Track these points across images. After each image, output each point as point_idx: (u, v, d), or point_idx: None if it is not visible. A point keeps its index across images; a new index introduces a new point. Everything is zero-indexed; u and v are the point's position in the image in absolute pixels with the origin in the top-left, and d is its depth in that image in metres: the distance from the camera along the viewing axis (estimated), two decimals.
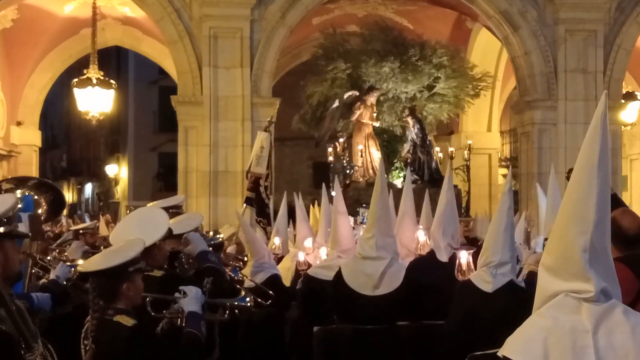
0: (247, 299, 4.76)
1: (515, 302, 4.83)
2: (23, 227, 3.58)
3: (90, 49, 17.83)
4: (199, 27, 16.01)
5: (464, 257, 5.56)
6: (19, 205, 3.67)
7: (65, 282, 5.12)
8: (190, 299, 4.27)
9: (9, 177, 13.83)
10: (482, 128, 21.75)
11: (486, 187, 21.36)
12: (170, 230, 5.05)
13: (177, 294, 4.37)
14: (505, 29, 16.87)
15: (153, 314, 4.28)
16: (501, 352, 2.12)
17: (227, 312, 4.68)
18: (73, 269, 5.24)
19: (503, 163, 23.10)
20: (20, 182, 6.00)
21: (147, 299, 4.27)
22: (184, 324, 4.20)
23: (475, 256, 5.70)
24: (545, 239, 5.80)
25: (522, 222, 9.35)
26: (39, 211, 5.49)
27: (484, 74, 18.89)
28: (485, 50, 20.41)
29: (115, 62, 35.90)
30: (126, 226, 5.26)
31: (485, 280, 5.11)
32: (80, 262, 5.20)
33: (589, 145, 2.34)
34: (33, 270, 5.02)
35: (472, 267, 5.49)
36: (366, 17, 19.05)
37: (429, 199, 8.02)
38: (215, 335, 4.62)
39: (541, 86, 16.75)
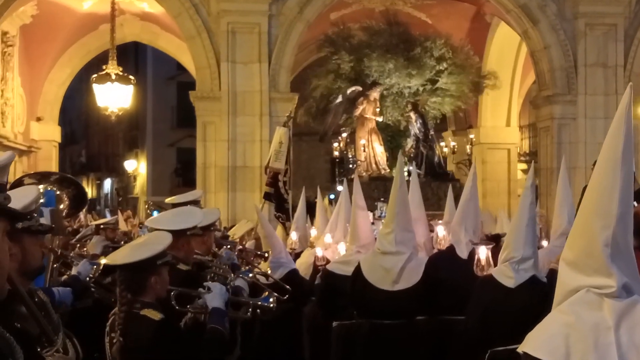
0: (271, 300, 4.75)
1: (537, 297, 4.80)
2: (44, 222, 3.58)
3: (108, 44, 17.90)
4: (217, 23, 16.04)
5: (483, 252, 5.54)
6: (41, 200, 3.68)
7: (86, 279, 5.15)
8: (215, 295, 4.27)
9: (31, 172, 13.93)
10: (501, 123, 21.63)
11: (505, 182, 21.25)
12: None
13: (201, 290, 4.37)
14: (524, 23, 16.78)
15: (177, 307, 4.29)
16: (522, 349, 2.09)
17: (250, 310, 4.68)
18: (95, 266, 5.27)
19: (522, 158, 22.98)
20: (42, 177, 6.03)
21: (172, 292, 4.27)
22: (207, 320, 4.20)
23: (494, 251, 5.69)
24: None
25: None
26: (61, 206, 5.52)
27: (490, 72, 18.81)
28: (504, 44, 20.29)
29: (133, 58, 36.02)
30: (165, 214, 5.46)
31: (508, 276, 5.08)
32: (103, 260, 5.24)
33: (613, 139, 2.29)
34: (55, 265, 5.05)
35: (492, 262, 5.47)
36: (384, 12, 18.98)
37: (452, 194, 7.97)
38: (237, 334, 4.63)
39: (561, 81, 16.65)
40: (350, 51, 17.77)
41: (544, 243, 7.78)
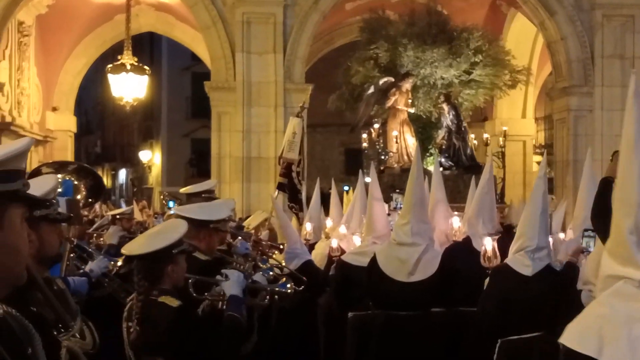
0: (288, 285, 4.74)
1: (552, 286, 4.82)
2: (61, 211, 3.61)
3: (124, 34, 17.93)
4: (232, 13, 16.03)
5: (489, 243, 5.56)
6: (59, 190, 3.69)
7: (100, 274, 5.13)
8: (232, 282, 4.27)
9: (47, 162, 13.99)
10: (517, 115, 21.52)
11: (520, 174, 21.18)
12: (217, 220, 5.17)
13: (219, 277, 4.37)
14: (541, 14, 16.68)
15: (195, 295, 4.30)
16: (561, 340, 2.12)
17: (268, 297, 4.68)
18: (112, 262, 5.29)
19: (538, 150, 22.86)
20: (60, 166, 6.06)
21: (190, 280, 4.28)
22: (224, 307, 4.21)
23: (501, 243, 5.70)
24: (585, 230, 5.73)
25: (562, 210, 9.18)
26: (78, 196, 5.53)
27: (523, 67, 18.66)
28: (521, 35, 20.18)
29: (148, 48, 36.10)
30: (191, 206, 5.48)
31: (525, 264, 5.10)
32: (119, 263, 5.27)
33: (626, 128, 2.37)
34: (71, 255, 5.06)
35: (497, 253, 5.51)
36: (400, 3, 18.90)
37: (474, 186, 7.96)
38: (254, 320, 4.63)
39: (577, 72, 16.55)
40: (388, 40, 17.65)
41: (561, 235, 7.72)
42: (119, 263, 5.46)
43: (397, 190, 13.71)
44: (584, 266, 4.91)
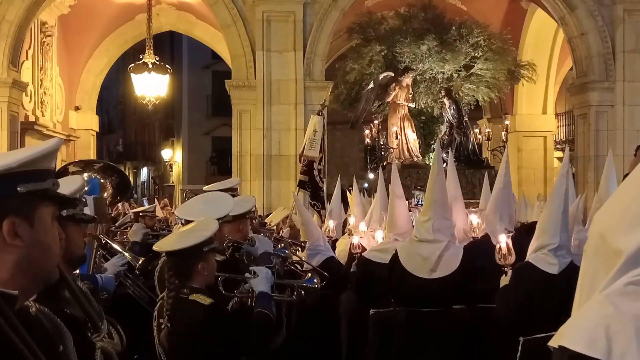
0: (315, 280, 4.78)
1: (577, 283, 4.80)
2: (88, 210, 3.66)
3: (145, 34, 18.06)
4: (252, 11, 16.10)
5: (504, 240, 5.54)
6: (85, 188, 3.75)
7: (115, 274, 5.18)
8: (261, 279, 4.32)
9: (69, 160, 14.13)
10: (537, 110, 21.42)
11: (541, 170, 21.09)
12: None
13: (247, 274, 4.43)
14: (561, 9, 16.59)
15: (224, 293, 4.36)
16: (557, 343, 2.03)
17: (295, 293, 4.73)
18: (134, 259, 5.35)
19: (558, 146, 22.75)
20: (86, 165, 6.13)
21: (219, 278, 4.34)
22: (254, 304, 4.27)
23: (514, 240, 5.68)
24: None
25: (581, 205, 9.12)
26: (104, 195, 5.61)
27: (528, 63, 18.42)
28: (541, 31, 20.08)
29: (169, 47, 36.26)
30: (193, 203, 5.44)
31: (550, 263, 5.08)
32: (140, 258, 5.31)
33: None
34: (99, 252, 5.13)
35: (512, 250, 5.48)
36: (410, 3, 18.82)
37: (488, 182, 7.94)
38: (282, 316, 4.68)
39: (598, 67, 16.46)
40: (381, 40, 17.56)
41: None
42: (140, 261, 5.52)
43: (419, 187, 13.70)
44: None
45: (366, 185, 17.38)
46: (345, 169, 24.57)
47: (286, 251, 5.93)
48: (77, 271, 3.67)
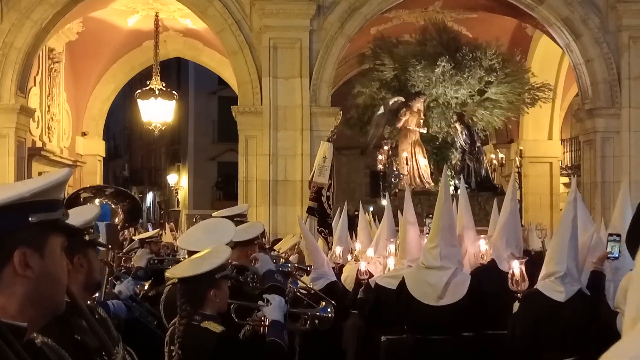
0: (329, 310, 4.72)
1: (585, 310, 4.81)
2: (100, 236, 3.69)
3: (152, 60, 18.18)
4: (259, 38, 16.20)
5: (517, 267, 5.53)
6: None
7: (127, 297, 5.19)
8: (274, 307, 4.31)
9: (76, 186, 14.17)
10: (543, 136, 21.44)
11: (547, 196, 21.07)
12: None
13: (260, 302, 4.41)
14: (566, 37, 16.66)
15: (237, 320, 4.34)
16: None
17: (308, 322, 4.68)
18: (139, 285, 5.34)
19: (564, 172, 22.74)
20: (98, 191, 6.16)
21: (232, 305, 4.32)
22: (266, 332, 4.25)
23: (526, 266, 5.67)
24: (610, 235, 5.67)
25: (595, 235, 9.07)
26: (116, 220, 5.63)
27: (544, 84, 18.34)
28: (546, 57, 20.16)
29: (175, 73, 36.48)
30: (194, 232, 5.39)
31: (557, 290, 5.08)
32: (145, 285, 5.30)
33: None
34: (110, 279, 5.14)
35: (526, 277, 5.47)
36: (424, 27, 18.94)
37: (497, 208, 7.94)
38: (295, 345, 4.66)
39: (604, 94, 16.49)
40: (394, 60, 17.47)
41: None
42: (146, 287, 5.53)
43: (430, 216, 13.62)
44: (619, 286, 4.85)
45: (372, 208, 17.25)
46: (351, 195, 24.57)
47: (289, 265, 5.86)
48: (97, 294, 3.70)
